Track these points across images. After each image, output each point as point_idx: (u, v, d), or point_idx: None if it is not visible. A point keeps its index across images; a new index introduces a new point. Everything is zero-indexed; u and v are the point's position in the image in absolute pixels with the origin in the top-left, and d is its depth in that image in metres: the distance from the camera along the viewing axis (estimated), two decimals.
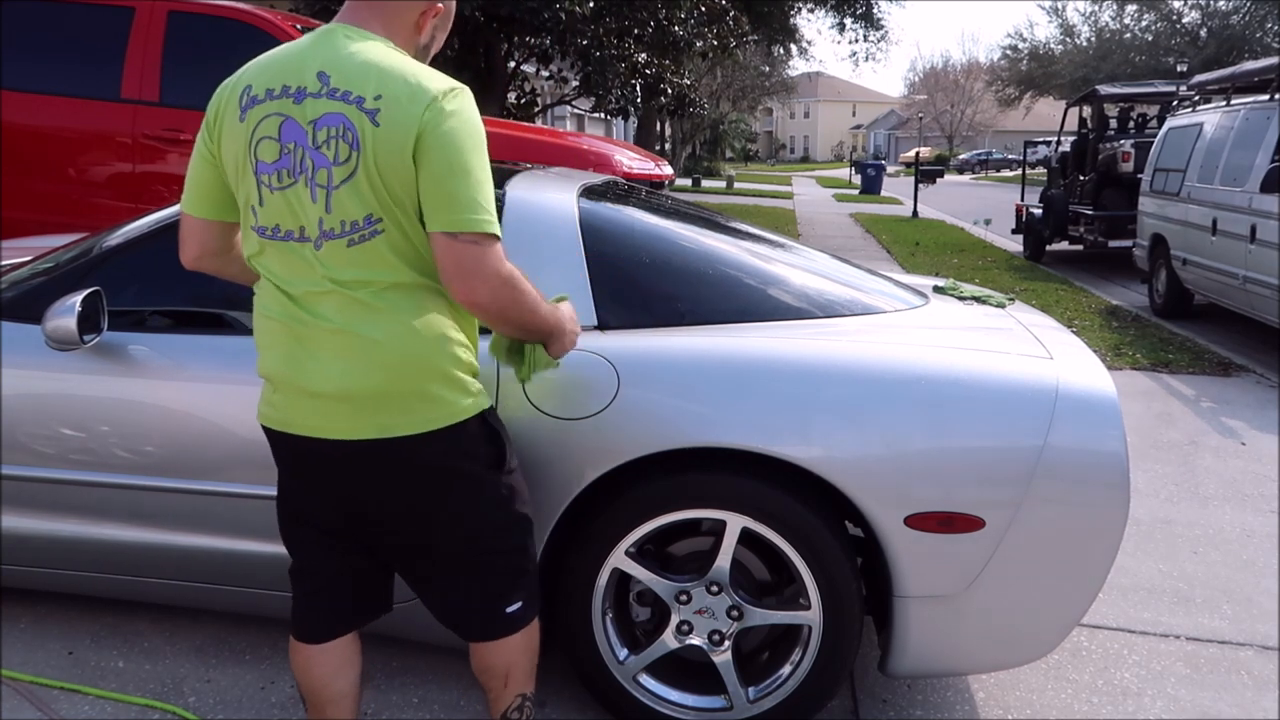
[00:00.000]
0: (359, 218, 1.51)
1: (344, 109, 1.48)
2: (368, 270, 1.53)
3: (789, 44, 21.04)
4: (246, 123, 1.54)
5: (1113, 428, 2.06)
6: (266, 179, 1.53)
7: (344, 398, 1.56)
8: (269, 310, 1.60)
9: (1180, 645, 2.75)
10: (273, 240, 1.56)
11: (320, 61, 1.52)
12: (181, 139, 4.56)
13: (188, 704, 2.31)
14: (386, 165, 1.48)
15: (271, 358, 1.61)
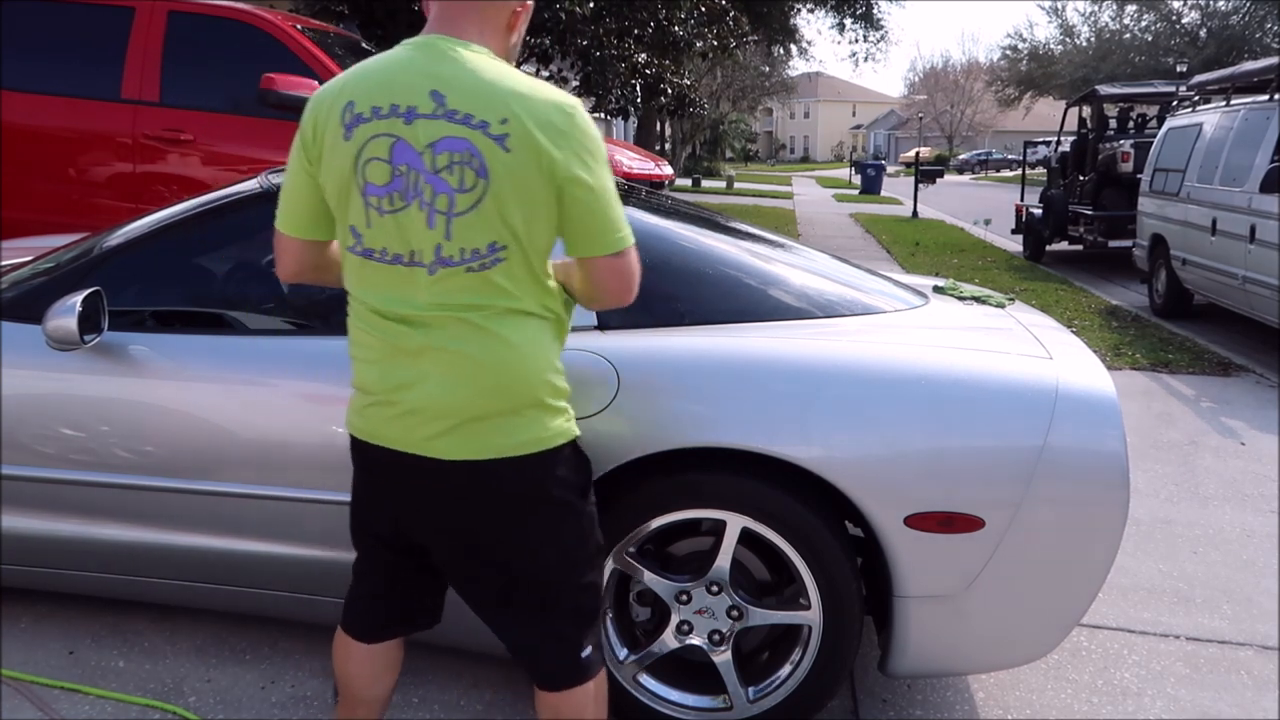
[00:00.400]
0: (482, 245, 1.46)
1: (468, 134, 1.43)
2: (481, 296, 1.49)
3: (789, 44, 21.04)
4: (352, 141, 1.47)
5: (1113, 428, 2.06)
6: (376, 201, 1.47)
7: (444, 416, 1.51)
8: (369, 326, 1.55)
9: (1180, 645, 2.75)
10: (379, 263, 1.50)
11: (431, 79, 1.46)
12: (181, 139, 4.56)
13: (188, 704, 2.31)
14: (518, 194, 1.45)
15: (369, 371, 1.57)
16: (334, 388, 2.20)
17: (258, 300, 2.53)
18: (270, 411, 2.23)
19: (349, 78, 1.51)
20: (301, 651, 2.54)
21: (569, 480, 1.64)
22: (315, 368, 2.23)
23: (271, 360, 2.26)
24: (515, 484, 1.57)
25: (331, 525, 2.23)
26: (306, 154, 1.55)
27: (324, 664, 2.49)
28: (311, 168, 1.55)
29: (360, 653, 1.76)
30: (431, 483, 1.57)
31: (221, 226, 2.51)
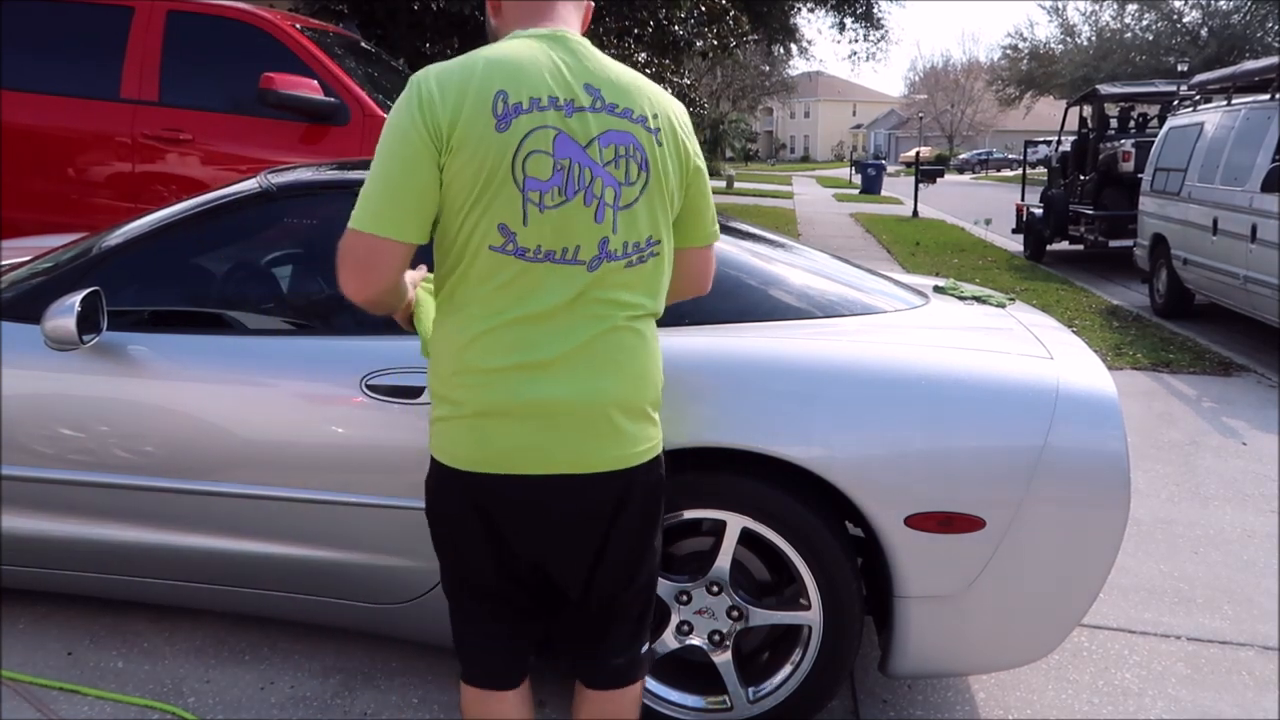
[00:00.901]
0: (642, 239, 1.47)
1: (629, 127, 1.44)
2: (633, 293, 1.48)
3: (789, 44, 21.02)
4: (509, 133, 1.37)
5: (1113, 428, 2.05)
6: (536, 197, 1.39)
7: (591, 416, 1.45)
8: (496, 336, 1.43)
9: (1181, 645, 2.74)
10: (531, 261, 1.41)
11: (582, 73, 1.44)
12: (181, 139, 4.55)
13: (187, 704, 2.30)
14: (666, 187, 1.49)
15: (509, 387, 1.44)
16: (334, 388, 2.20)
17: (258, 300, 2.53)
18: (270, 411, 2.23)
19: (486, 66, 1.39)
20: (301, 652, 2.54)
21: (666, 482, 1.64)
22: (315, 368, 2.23)
23: (271, 360, 2.25)
24: (644, 490, 1.56)
25: (331, 525, 2.23)
26: (436, 145, 1.37)
27: (323, 664, 2.49)
28: (440, 160, 1.38)
29: (510, 700, 1.64)
30: (577, 502, 1.50)
31: (221, 226, 2.51)
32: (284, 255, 2.60)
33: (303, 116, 4.49)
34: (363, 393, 2.17)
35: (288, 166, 2.86)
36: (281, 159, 4.34)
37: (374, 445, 2.17)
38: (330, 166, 2.80)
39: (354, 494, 2.19)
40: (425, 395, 2.14)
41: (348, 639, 2.59)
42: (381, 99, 4.68)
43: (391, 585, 2.26)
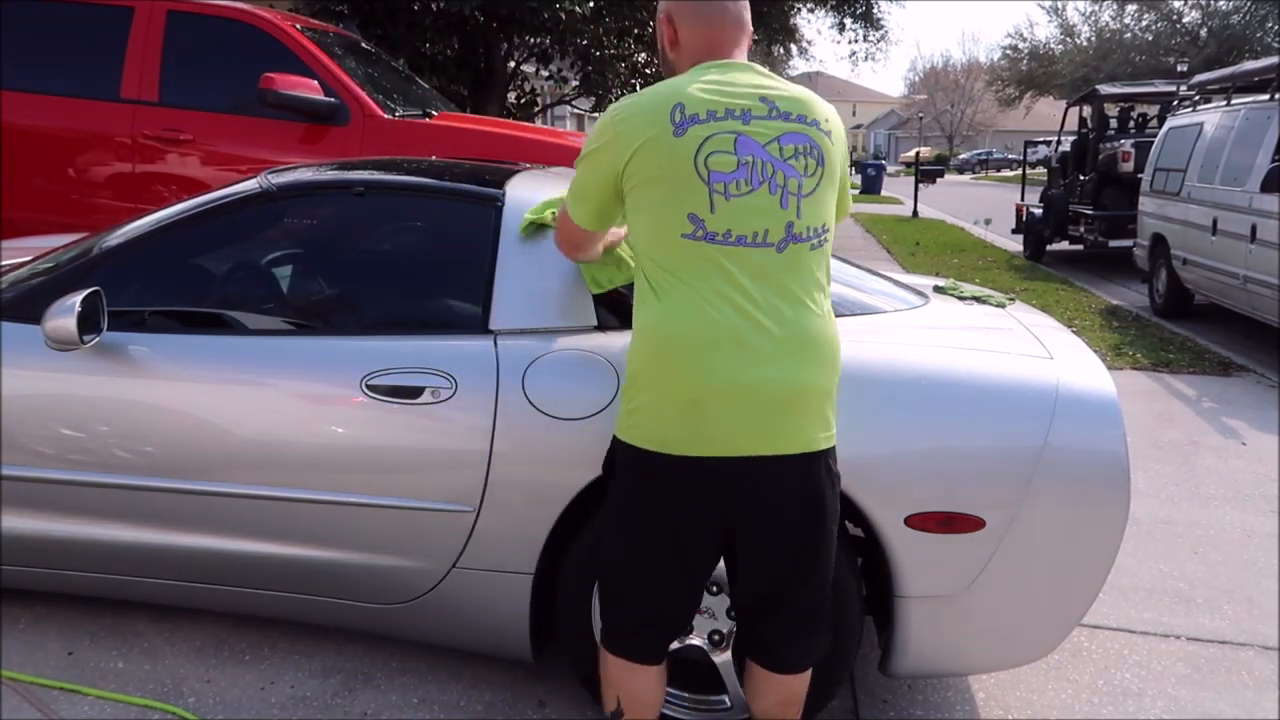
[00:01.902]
0: (819, 224, 1.66)
1: (805, 129, 1.66)
2: (814, 274, 1.65)
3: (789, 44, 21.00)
4: (686, 139, 1.60)
5: (1113, 428, 2.06)
6: (721, 187, 1.60)
7: (793, 396, 1.60)
8: (708, 313, 1.59)
9: (1180, 645, 2.74)
10: (722, 245, 1.59)
11: (756, 89, 1.67)
12: (181, 139, 4.55)
13: (187, 704, 2.30)
14: (837, 179, 1.71)
15: (715, 365, 1.58)
16: (334, 388, 2.20)
17: (258, 300, 2.53)
18: (270, 411, 2.23)
19: (667, 90, 1.65)
20: (301, 652, 2.54)
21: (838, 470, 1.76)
22: (315, 368, 2.23)
23: (272, 360, 2.26)
24: (828, 473, 1.70)
25: (331, 525, 2.23)
26: (619, 152, 1.65)
27: (324, 664, 2.49)
28: (619, 164, 1.65)
29: (653, 674, 1.82)
30: (773, 482, 1.64)
31: (221, 227, 2.51)
32: (284, 255, 2.61)
33: (303, 117, 4.49)
34: (363, 393, 2.17)
35: (288, 167, 2.86)
36: (281, 159, 4.34)
37: (374, 445, 2.18)
38: (330, 166, 2.80)
39: (354, 494, 2.19)
40: (426, 395, 2.15)
41: (348, 639, 2.59)
42: (381, 99, 4.68)
43: (391, 585, 2.27)
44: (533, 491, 2.12)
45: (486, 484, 2.13)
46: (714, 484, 1.63)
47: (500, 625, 2.25)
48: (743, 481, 1.63)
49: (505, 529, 2.15)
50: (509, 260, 2.25)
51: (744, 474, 1.62)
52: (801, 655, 1.81)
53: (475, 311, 2.25)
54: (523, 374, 2.12)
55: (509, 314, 2.21)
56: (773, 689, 1.82)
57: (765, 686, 1.83)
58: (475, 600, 2.23)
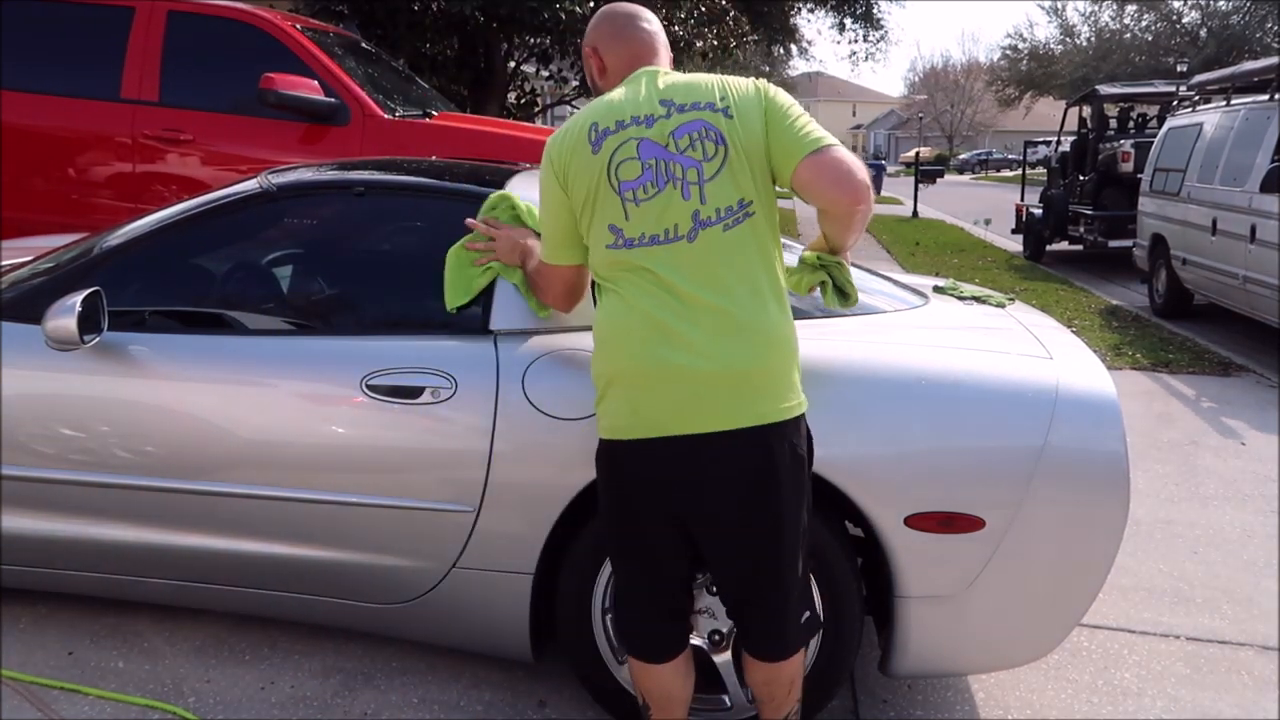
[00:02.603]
0: (733, 203, 1.66)
1: (699, 115, 1.69)
2: (742, 252, 1.66)
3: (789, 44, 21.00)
4: (601, 153, 1.69)
5: (1113, 428, 2.06)
6: (631, 194, 1.67)
7: (726, 377, 1.64)
8: (634, 311, 1.67)
9: (1180, 645, 2.75)
10: (639, 248, 1.67)
11: (657, 94, 1.72)
12: (181, 139, 4.55)
13: (188, 704, 2.30)
14: (748, 146, 1.68)
15: (642, 354, 1.66)
16: (334, 388, 2.20)
17: (258, 300, 2.53)
18: (271, 411, 2.23)
19: (586, 112, 1.75)
20: (301, 652, 2.54)
21: (810, 446, 1.79)
22: (315, 368, 2.23)
23: (272, 360, 2.26)
24: (784, 448, 1.70)
25: (331, 525, 2.23)
26: (558, 182, 1.74)
27: (324, 664, 2.49)
28: (561, 194, 1.74)
29: (669, 672, 1.87)
30: (719, 458, 1.67)
31: (221, 227, 2.51)
32: (284, 255, 2.61)
33: (303, 117, 4.49)
34: (363, 393, 2.17)
35: (288, 167, 2.86)
36: (282, 159, 4.34)
37: (374, 445, 2.18)
38: (330, 167, 2.81)
39: (354, 494, 2.19)
40: (426, 395, 2.15)
41: (348, 639, 2.59)
42: (381, 99, 4.68)
43: (392, 585, 2.27)
44: (533, 492, 2.12)
45: (486, 484, 2.13)
46: (656, 466, 1.71)
47: (500, 625, 2.25)
48: (683, 462, 1.68)
49: (505, 529, 2.15)
50: None
51: (685, 454, 1.68)
52: (776, 641, 1.83)
53: (475, 311, 2.25)
54: (523, 374, 2.12)
55: (509, 314, 2.21)
56: (757, 671, 1.87)
57: (751, 669, 1.89)
58: (475, 600, 2.23)
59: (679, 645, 1.88)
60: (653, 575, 1.82)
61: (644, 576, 1.83)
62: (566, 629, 2.19)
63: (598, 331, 1.75)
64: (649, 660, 1.86)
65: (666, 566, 1.81)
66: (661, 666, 1.86)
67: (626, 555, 1.83)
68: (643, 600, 1.85)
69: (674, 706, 1.91)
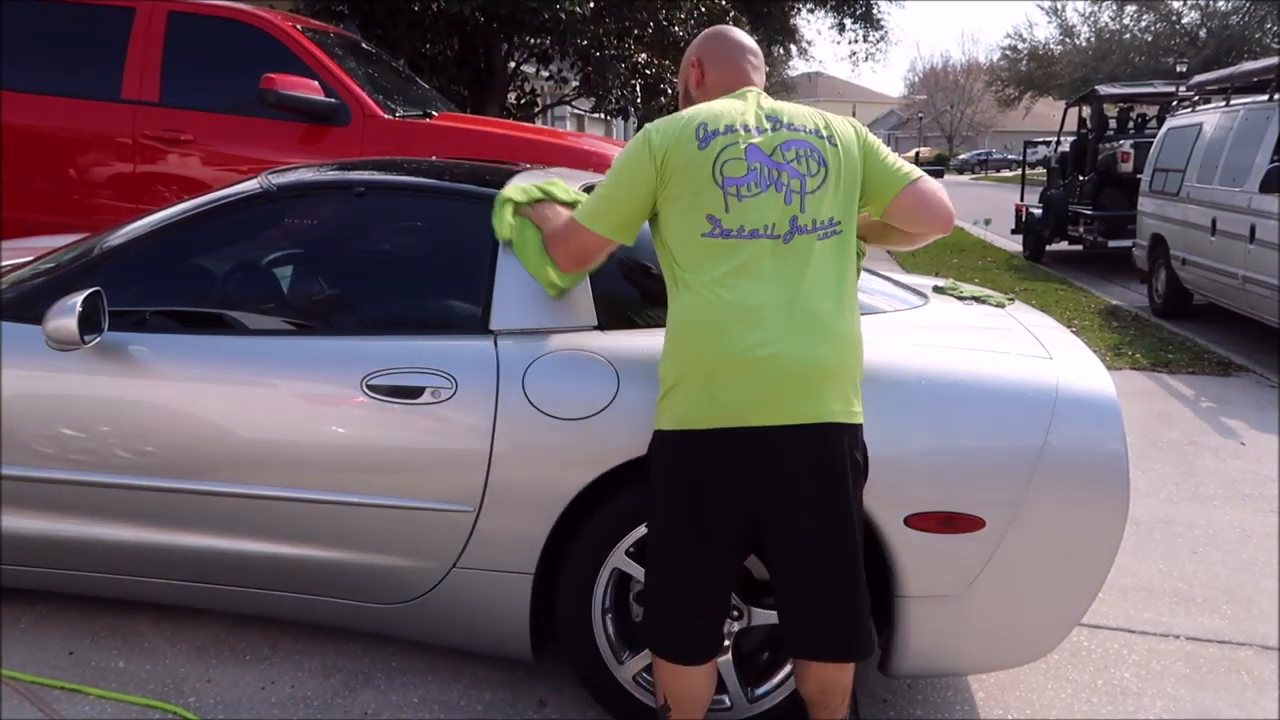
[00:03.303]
0: (825, 218, 1.80)
1: (804, 138, 1.83)
2: (827, 263, 1.79)
3: (789, 44, 21.02)
4: (708, 150, 1.80)
5: (1113, 428, 2.06)
6: (735, 190, 1.78)
7: (807, 373, 1.72)
8: (722, 304, 1.74)
9: (1180, 645, 2.75)
10: (735, 239, 1.77)
11: (762, 109, 1.87)
12: (181, 139, 4.55)
13: (188, 704, 2.31)
14: (845, 173, 1.83)
15: (729, 342, 1.73)
16: (334, 388, 2.20)
17: (258, 300, 2.53)
18: (271, 411, 2.23)
19: (691, 113, 1.86)
20: (301, 651, 2.55)
21: (867, 456, 1.86)
22: (316, 368, 2.23)
23: (272, 360, 2.26)
24: (848, 451, 1.77)
25: (331, 525, 2.23)
26: (652, 163, 1.82)
27: (324, 664, 2.49)
28: (652, 177, 1.82)
29: (699, 675, 1.88)
30: (793, 450, 1.73)
31: (222, 227, 2.51)
32: (284, 255, 2.61)
33: (303, 117, 4.49)
34: (363, 393, 2.17)
35: (288, 167, 2.86)
36: (282, 159, 4.34)
37: (374, 445, 2.18)
38: (331, 167, 2.81)
39: (354, 494, 2.20)
40: (426, 395, 2.15)
41: (348, 639, 2.59)
42: (382, 99, 4.68)
43: (392, 585, 2.27)
44: (533, 492, 2.12)
45: (487, 484, 2.13)
46: (731, 456, 1.75)
47: (500, 625, 2.25)
48: (759, 453, 1.74)
49: (505, 529, 2.15)
50: (509, 260, 2.25)
51: (760, 445, 1.74)
52: (841, 638, 1.83)
53: (475, 311, 2.25)
54: (523, 374, 2.13)
55: (509, 314, 2.21)
56: (818, 674, 1.88)
57: (810, 674, 1.89)
58: (475, 600, 2.23)
59: (716, 647, 1.89)
60: (704, 572, 1.82)
61: (695, 573, 1.82)
62: (566, 629, 2.19)
63: (677, 326, 1.80)
64: (685, 662, 1.86)
65: (721, 563, 1.83)
66: (694, 669, 1.87)
67: (681, 550, 1.82)
68: (689, 599, 1.84)
69: (696, 709, 1.93)
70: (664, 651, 1.88)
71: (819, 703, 1.91)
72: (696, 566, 1.82)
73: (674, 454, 1.80)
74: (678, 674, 1.88)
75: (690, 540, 1.81)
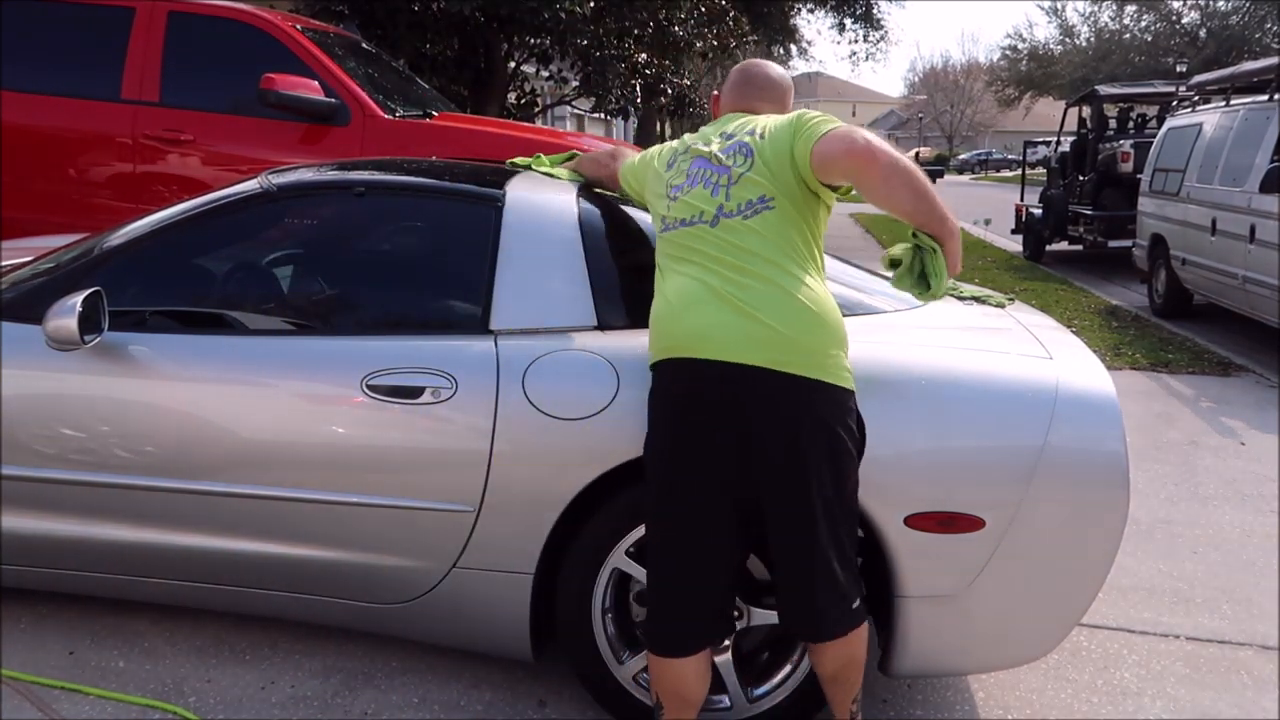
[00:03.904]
0: (754, 197, 1.91)
1: (740, 138, 2.00)
2: (755, 237, 1.88)
3: (789, 44, 21.03)
4: (672, 170, 2.08)
5: (1113, 428, 2.06)
6: (675, 194, 2.02)
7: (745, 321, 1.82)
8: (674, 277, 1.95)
9: (1180, 645, 2.75)
10: (674, 229, 1.98)
11: (721, 129, 2.07)
12: (181, 139, 4.55)
13: (188, 704, 2.31)
14: (770, 156, 1.92)
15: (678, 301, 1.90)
16: (334, 388, 2.20)
17: (258, 300, 2.53)
18: (271, 411, 2.23)
19: (676, 142, 2.17)
20: (301, 651, 2.55)
21: (850, 433, 1.87)
22: (316, 368, 2.23)
23: (272, 360, 2.26)
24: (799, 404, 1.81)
25: (331, 525, 2.23)
26: (642, 168, 2.27)
27: (324, 664, 2.49)
28: (643, 177, 2.24)
29: (689, 668, 1.91)
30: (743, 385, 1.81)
31: (222, 227, 2.51)
32: (284, 255, 2.61)
33: (303, 117, 4.49)
34: (363, 393, 2.17)
35: (288, 167, 2.86)
36: (282, 159, 4.34)
37: (374, 445, 2.18)
38: (330, 167, 2.81)
39: (354, 494, 2.20)
40: (427, 395, 2.15)
41: (348, 639, 2.59)
42: (382, 99, 4.68)
43: (392, 585, 2.27)
44: (533, 491, 2.12)
45: (487, 484, 2.13)
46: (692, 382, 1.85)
47: (500, 625, 2.25)
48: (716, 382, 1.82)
49: (505, 529, 2.15)
50: (509, 260, 2.25)
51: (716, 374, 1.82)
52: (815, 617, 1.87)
53: (475, 311, 2.25)
54: (523, 374, 2.13)
55: (509, 314, 2.21)
56: (826, 654, 1.93)
57: (817, 653, 1.95)
58: (475, 600, 2.23)
59: (706, 635, 1.92)
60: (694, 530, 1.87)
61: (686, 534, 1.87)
62: (566, 629, 2.19)
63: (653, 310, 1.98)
64: (671, 653, 1.90)
65: (710, 521, 1.86)
66: (684, 662, 1.89)
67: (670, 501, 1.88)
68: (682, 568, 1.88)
69: (688, 708, 1.94)
70: (659, 644, 1.91)
71: (837, 678, 1.96)
72: (686, 523, 1.87)
73: (653, 393, 1.94)
74: (667, 668, 1.90)
75: (675, 481, 1.87)
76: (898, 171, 1.81)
